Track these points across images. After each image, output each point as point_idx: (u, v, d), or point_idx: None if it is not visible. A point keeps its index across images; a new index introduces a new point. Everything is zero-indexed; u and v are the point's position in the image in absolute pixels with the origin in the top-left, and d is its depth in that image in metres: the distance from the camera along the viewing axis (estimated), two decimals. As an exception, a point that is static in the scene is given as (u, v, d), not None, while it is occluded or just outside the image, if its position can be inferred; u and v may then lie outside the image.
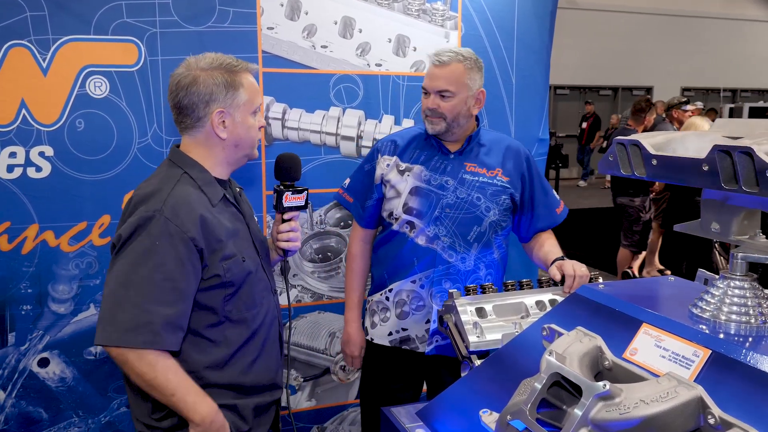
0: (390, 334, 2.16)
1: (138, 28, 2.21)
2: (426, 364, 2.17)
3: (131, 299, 1.46)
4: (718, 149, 1.03)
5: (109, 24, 2.18)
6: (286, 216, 1.81)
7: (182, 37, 2.25)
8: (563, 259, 1.89)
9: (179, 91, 1.55)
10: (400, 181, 2.11)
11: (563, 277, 1.79)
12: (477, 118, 2.15)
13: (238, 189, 1.77)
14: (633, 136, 1.21)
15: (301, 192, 1.80)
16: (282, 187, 1.79)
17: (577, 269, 1.77)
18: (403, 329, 2.14)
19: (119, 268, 1.49)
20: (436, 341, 2.10)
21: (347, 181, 2.29)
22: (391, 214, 2.13)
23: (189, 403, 1.51)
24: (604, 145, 13.04)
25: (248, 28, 2.36)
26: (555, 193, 2.25)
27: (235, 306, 1.61)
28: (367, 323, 2.24)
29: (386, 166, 2.14)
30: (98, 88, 2.20)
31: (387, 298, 2.16)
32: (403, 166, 2.12)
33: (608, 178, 13.14)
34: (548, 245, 2.12)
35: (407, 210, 2.09)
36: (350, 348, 2.26)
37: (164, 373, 1.48)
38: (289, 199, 1.78)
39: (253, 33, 2.37)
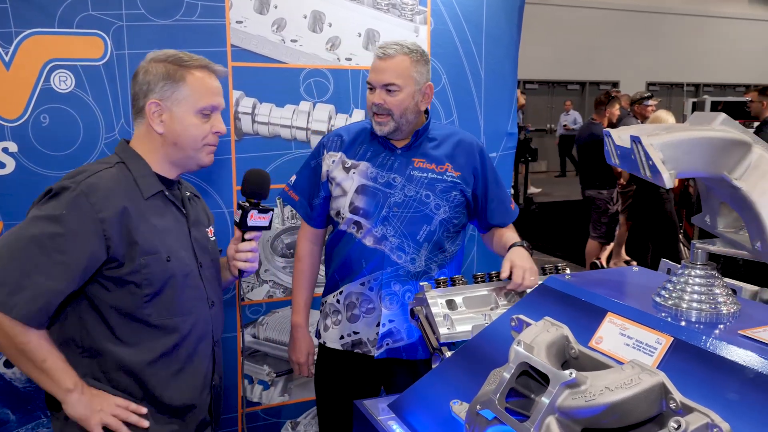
0: (342, 337, 2.07)
1: (104, 21, 2.18)
2: (378, 368, 2.08)
3: (14, 262, 1.40)
4: (631, 139, 1.06)
5: (74, 17, 2.14)
6: (247, 236, 1.71)
7: (149, 30, 2.22)
8: (518, 248, 1.86)
9: (131, 81, 1.58)
10: (346, 179, 2.01)
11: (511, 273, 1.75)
12: (427, 112, 2.06)
13: (188, 194, 1.70)
14: (614, 129, 1.23)
15: (266, 212, 1.69)
16: (248, 204, 1.68)
17: (527, 279, 1.72)
18: (354, 332, 2.05)
19: (12, 229, 1.46)
20: (387, 345, 2.03)
21: (293, 178, 2.16)
22: (338, 212, 2.04)
23: (60, 371, 1.44)
24: None
25: (217, 21, 2.33)
26: (509, 190, 2.18)
27: (155, 309, 1.53)
28: (320, 326, 2.14)
29: (332, 163, 2.05)
30: (63, 82, 2.16)
31: (338, 301, 2.07)
32: (349, 162, 2.02)
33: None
34: (506, 237, 2.05)
35: (353, 210, 2.00)
36: (296, 354, 2.16)
37: (37, 340, 1.42)
38: (254, 218, 1.68)
39: (221, 27, 2.34)
